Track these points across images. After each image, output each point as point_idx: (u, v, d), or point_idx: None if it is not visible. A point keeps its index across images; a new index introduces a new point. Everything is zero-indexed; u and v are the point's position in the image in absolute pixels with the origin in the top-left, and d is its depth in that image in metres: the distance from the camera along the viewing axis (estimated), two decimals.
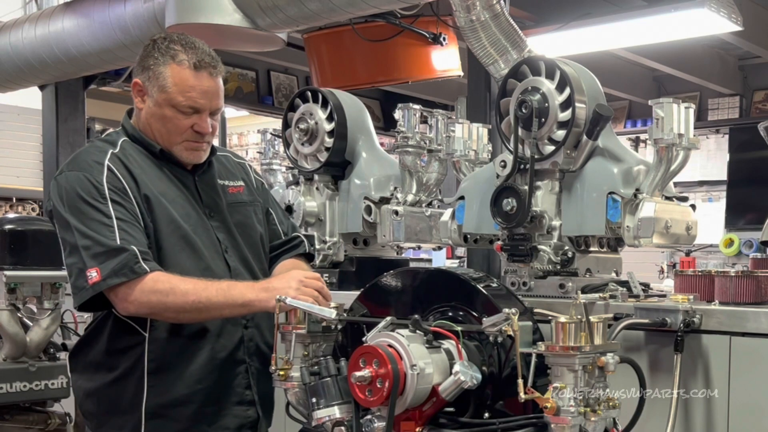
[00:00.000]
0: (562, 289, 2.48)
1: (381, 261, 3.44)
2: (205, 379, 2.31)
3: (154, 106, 2.29)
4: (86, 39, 5.02)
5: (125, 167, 2.27)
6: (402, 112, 3.17)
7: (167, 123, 2.29)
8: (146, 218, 2.24)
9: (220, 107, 2.34)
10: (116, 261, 2.15)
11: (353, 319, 2.25)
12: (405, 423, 2.01)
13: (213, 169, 2.45)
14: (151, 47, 2.30)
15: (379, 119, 9.01)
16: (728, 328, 2.14)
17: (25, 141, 8.13)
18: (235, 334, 2.36)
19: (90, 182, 2.21)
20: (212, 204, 2.40)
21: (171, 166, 2.36)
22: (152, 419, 2.27)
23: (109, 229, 2.17)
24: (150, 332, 2.26)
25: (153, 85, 2.28)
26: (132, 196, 2.23)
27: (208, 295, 2.17)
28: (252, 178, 2.57)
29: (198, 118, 2.29)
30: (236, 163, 2.57)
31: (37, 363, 3.27)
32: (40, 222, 3.64)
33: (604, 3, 5.80)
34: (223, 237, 2.38)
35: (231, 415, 2.37)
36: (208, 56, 2.29)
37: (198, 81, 2.26)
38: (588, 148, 2.49)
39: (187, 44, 2.28)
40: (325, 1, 4.01)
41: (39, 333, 3.28)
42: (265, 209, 2.56)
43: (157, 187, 2.29)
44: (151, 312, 2.21)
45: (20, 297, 3.26)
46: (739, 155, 8.11)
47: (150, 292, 2.16)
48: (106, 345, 2.30)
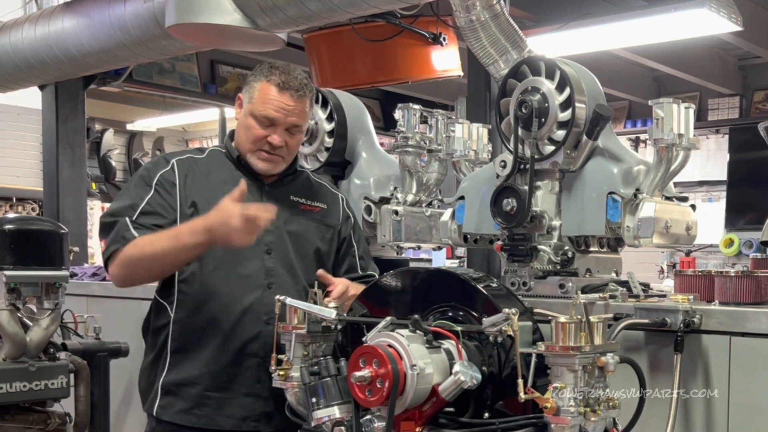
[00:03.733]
0: (562, 289, 2.48)
1: (381, 261, 3.43)
2: (212, 364, 2.47)
3: (242, 115, 2.57)
4: (86, 39, 5.02)
5: (193, 168, 2.56)
6: (402, 112, 3.16)
7: (247, 131, 2.55)
8: (185, 211, 2.48)
9: (298, 125, 2.56)
10: (113, 231, 2.43)
11: (353, 319, 2.25)
12: (405, 423, 2.01)
13: (289, 186, 2.66)
14: (257, 68, 2.59)
15: (379, 119, 9.02)
16: (728, 328, 2.14)
17: (25, 141, 8.12)
18: (253, 329, 2.48)
19: (149, 173, 2.54)
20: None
21: (246, 174, 2.57)
22: (165, 395, 2.49)
23: (131, 209, 2.45)
24: (175, 313, 2.50)
25: (246, 97, 2.56)
26: (178, 190, 2.50)
27: (162, 245, 2.39)
28: (340, 209, 2.76)
29: (273, 131, 2.52)
30: (328, 191, 2.78)
31: (37, 363, 3.26)
32: (40, 222, 3.64)
33: (604, 3, 5.79)
34: (270, 240, 2.53)
35: (236, 404, 2.47)
36: (297, 82, 2.53)
37: (279, 97, 2.50)
38: (588, 148, 2.49)
39: (284, 70, 2.54)
40: (325, 1, 4.00)
41: (39, 333, 3.27)
42: (343, 238, 2.73)
43: (218, 188, 2.48)
44: (129, 275, 2.45)
45: (20, 297, 3.26)
46: (739, 155, 8.12)
47: (125, 258, 2.42)
48: (152, 326, 2.57)
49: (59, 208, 5.97)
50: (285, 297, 2.25)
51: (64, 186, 6.02)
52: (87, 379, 3.51)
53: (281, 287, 2.47)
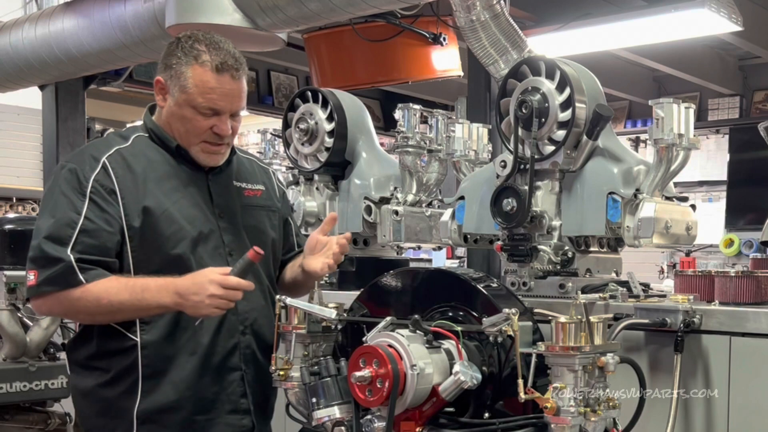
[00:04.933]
0: (562, 289, 2.48)
1: (381, 261, 3.44)
2: (195, 385, 2.26)
3: (175, 105, 2.27)
4: (86, 39, 5.02)
5: (127, 165, 2.25)
6: (402, 112, 3.17)
7: (186, 123, 2.27)
8: (132, 222, 2.20)
9: (241, 108, 2.32)
10: (52, 270, 2.14)
11: (353, 319, 2.25)
12: (405, 423, 2.01)
13: (230, 170, 2.42)
14: (174, 45, 2.28)
15: (379, 119, 9.01)
16: (728, 329, 2.14)
17: (25, 141, 8.12)
18: (230, 341, 2.30)
19: (77, 176, 2.21)
20: (223, 205, 2.37)
21: (184, 164, 2.33)
22: (144, 424, 2.24)
23: (70, 228, 2.15)
24: (141, 336, 2.23)
25: (174, 85, 2.26)
26: (120, 197, 2.21)
27: (121, 300, 2.14)
28: (275, 185, 2.55)
29: (218, 120, 2.26)
30: (260, 168, 2.55)
31: (37, 363, 3.27)
32: None
33: (604, 3, 5.79)
34: (229, 239, 2.34)
35: (224, 423, 2.30)
36: (232, 57, 2.25)
37: (219, 83, 2.23)
38: (588, 148, 2.49)
39: (211, 44, 2.25)
40: (325, 1, 4.01)
41: (39, 333, 3.28)
42: (284, 218, 2.55)
43: (162, 186, 2.27)
44: (62, 313, 2.23)
45: (20, 297, 3.26)
46: (739, 155, 8.11)
47: (64, 298, 2.15)
48: (97, 346, 2.27)
49: None
50: (285, 297, 2.24)
51: None
52: None
53: (248, 293, 2.21)
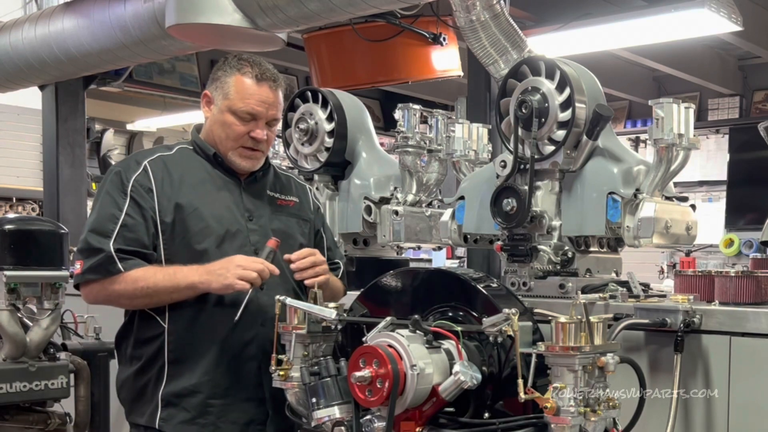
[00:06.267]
0: (562, 289, 2.48)
1: (381, 261, 3.44)
2: (212, 371, 2.42)
3: (218, 112, 2.50)
4: (86, 39, 5.01)
5: (166, 169, 2.47)
6: (402, 112, 3.17)
7: (227, 128, 2.48)
8: (165, 217, 2.41)
9: (278, 118, 2.53)
10: (95, 259, 2.37)
11: (353, 320, 2.25)
12: (405, 423, 2.01)
13: (265, 180, 2.61)
14: (222, 62, 2.53)
15: (379, 119, 9.01)
16: (728, 329, 2.14)
17: (25, 141, 8.12)
18: (250, 332, 2.44)
19: (120, 178, 2.44)
20: (253, 208, 2.54)
21: (220, 171, 2.53)
22: (166, 407, 2.43)
23: (112, 223, 2.38)
24: (169, 324, 2.42)
25: (218, 94, 2.50)
26: (156, 194, 2.42)
27: (156, 281, 2.35)
28: (310, 200, 2.74)
29: (255, 125, 2.48)
30: (297, 183, 2.74)
31: (37, 363, 3.26)
32: (40, 222, 3.63)
33: (604, 3, 5.79)
34: (256, 239, 2.49)
35: (240, 410, 2.44)
36: (271, 72, 2.50)
37: (258, 90, 2.46)
38: (588, 148, 2.49)
39: (254, 61, 2.50)
40: (325, 1, 4.00)
41: (39, 333, 3.27)
42: (316, 230, 2.71)
43: (196, 188, 2.46)
44: (105, 299, 2.43)
45: (20, 297, 3.26)
46: (739, 155, 8.11)
47: (107, 285, 2.38)
48: (135, 336, 2.48)
49: (59, 208, 5.97)
50: (285, 297, 2.25)
51: (64, 186, 6.02)
52: (87, 380, 3.50)
53: (272, 287, 2.39)
